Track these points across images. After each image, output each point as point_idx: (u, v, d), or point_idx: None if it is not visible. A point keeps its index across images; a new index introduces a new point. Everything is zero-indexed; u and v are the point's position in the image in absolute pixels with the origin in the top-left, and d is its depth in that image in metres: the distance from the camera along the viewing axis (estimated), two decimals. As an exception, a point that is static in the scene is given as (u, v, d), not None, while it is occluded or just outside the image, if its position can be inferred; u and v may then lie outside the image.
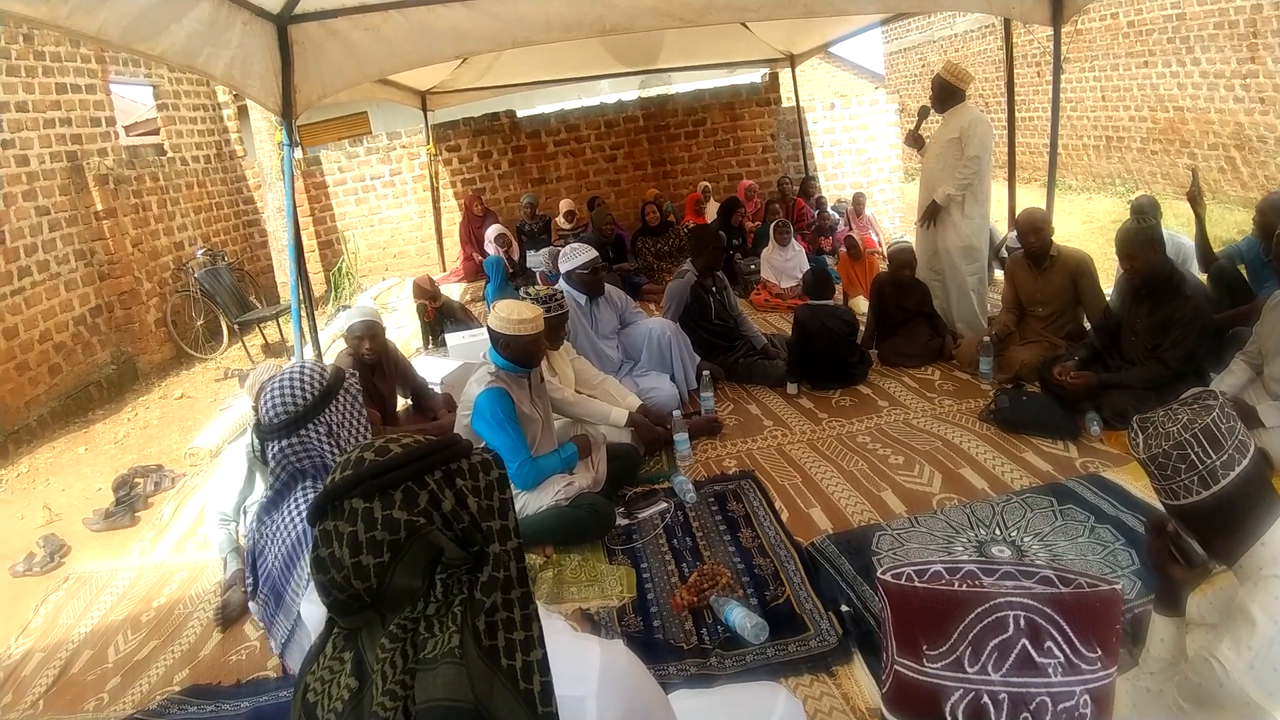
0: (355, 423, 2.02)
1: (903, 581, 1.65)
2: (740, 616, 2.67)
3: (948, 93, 5.12)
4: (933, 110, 5.28)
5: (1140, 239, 3.75)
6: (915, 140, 5.56)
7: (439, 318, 6.50)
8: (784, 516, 3.46)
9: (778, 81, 10.60)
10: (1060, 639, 1.56)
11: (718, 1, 4.71)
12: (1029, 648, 1.57)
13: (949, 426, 4.15)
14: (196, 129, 10.01)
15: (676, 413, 4.17)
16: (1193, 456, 1.49)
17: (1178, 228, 6.17)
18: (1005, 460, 3.70)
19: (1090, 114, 12.20)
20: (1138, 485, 3.26)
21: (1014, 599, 1.58)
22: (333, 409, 1.96)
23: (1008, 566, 1.66)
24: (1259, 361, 3.41)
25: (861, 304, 6.10)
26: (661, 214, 8.50)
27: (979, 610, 1.58)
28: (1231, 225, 7.73)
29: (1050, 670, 1.57)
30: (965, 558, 2.91)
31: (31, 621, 3.75)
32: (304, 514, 1.87)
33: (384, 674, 0.96)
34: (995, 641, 1.58)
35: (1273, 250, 3.50)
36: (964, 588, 1.61)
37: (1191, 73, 10.14)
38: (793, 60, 9.87)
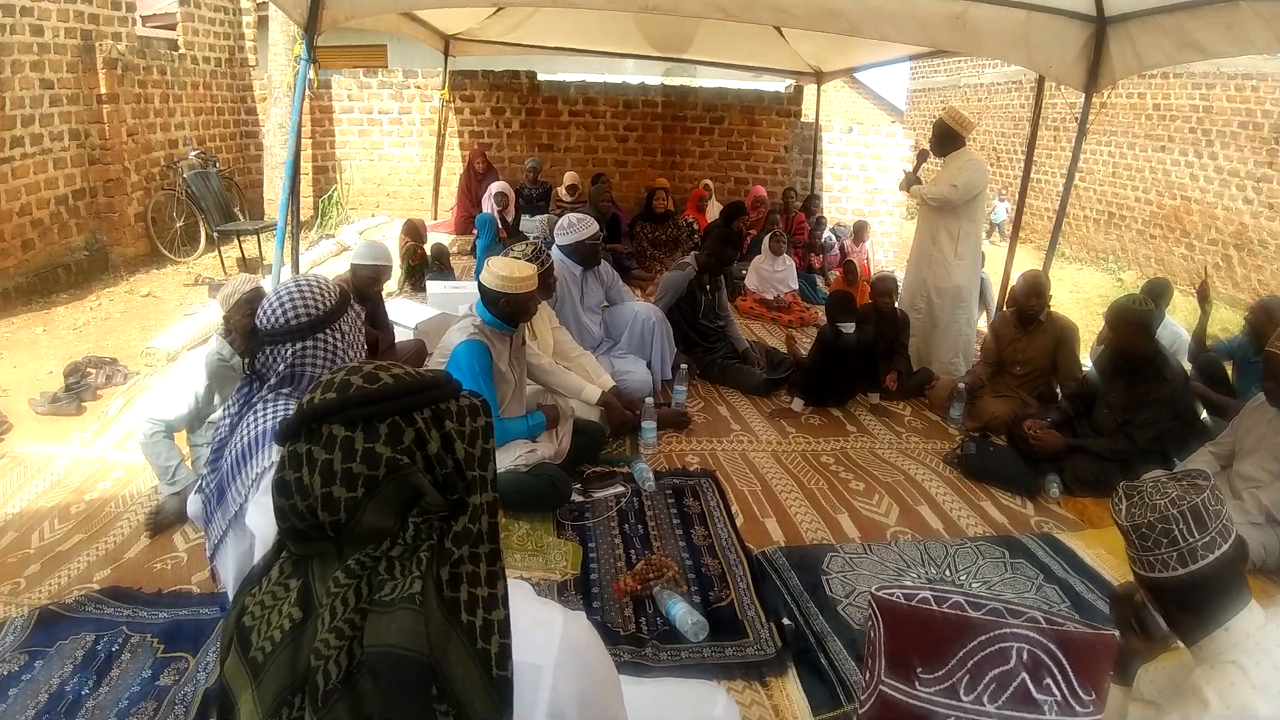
0: (359, 341, 2.01)
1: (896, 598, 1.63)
2: (682, 612, 2.64)
3: (948, 137, 5.00)
4: (931, 154, 5.21)
5: (1130, 317, 3.74)
6: (912, 182, 5.37)
7: (424, 262, 6.40)
8: (739, 521, 3.44)
9: (801, 95, 10.55)
10: (1060, 677, 1.54)
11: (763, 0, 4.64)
12: (1028, 682, 1.55)
13: (913, 463, 4.15)
14: (213, 30, 9.75)
15: (649, 400, 4.12)
16: (1176, 533, 1.47)
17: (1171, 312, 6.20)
18: (963, 505, 3.71)
19: (1097, 187, 12.33)
20: (1090, 552, 3.29)
21: (1019, 631, 1.56)
22: (345, 319, 1.96)
23: (996, 604, 1.63)
24: (1228, 456, 3.44)
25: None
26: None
27: (983, 638, 1.55)
28: (1216, 322, 7.83)
29: (1046, 708, 1.55)
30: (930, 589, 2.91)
31: (-43, 492, 3.63)
32: (271, 418, 1.82)
33: (333, 609, 0.89)
34: (995, 672, 1.56)
35: (1262, 367, 3.38)
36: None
37: (1207, 166, 10.24)
38: (819, 77, 9.81)
